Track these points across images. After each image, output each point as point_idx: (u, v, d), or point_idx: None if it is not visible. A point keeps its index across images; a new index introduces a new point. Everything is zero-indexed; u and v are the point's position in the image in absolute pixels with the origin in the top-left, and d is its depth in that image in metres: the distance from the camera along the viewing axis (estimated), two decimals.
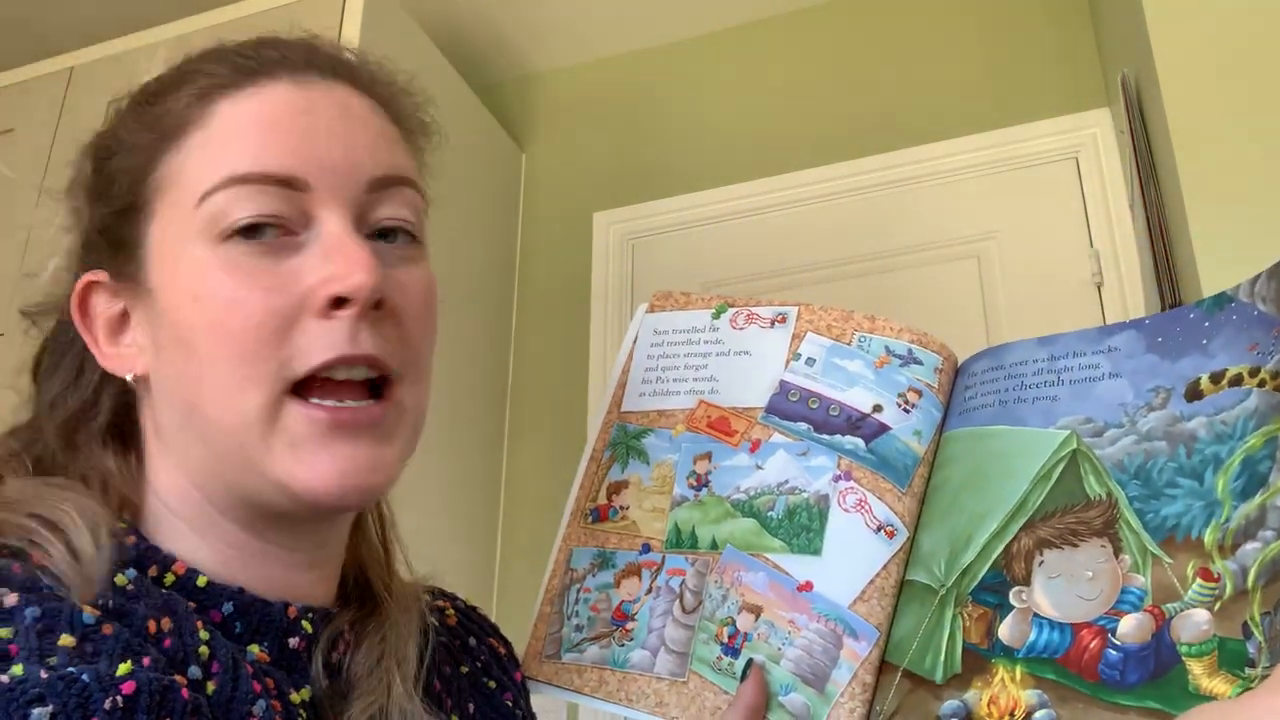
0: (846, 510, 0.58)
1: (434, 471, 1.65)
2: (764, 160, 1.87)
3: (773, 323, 0.65)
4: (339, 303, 0.44)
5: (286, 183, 0.44)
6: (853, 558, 0.57)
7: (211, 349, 0.43)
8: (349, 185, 0.46)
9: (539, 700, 0.58)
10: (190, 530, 0.46)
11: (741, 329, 0.66)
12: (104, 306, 0.48)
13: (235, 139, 0.45)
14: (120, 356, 0.48)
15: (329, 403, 0.44)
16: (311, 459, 0.43)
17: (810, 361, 0.63)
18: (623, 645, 0.61)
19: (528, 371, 1.95)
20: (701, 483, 0.63)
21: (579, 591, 0.64)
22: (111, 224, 0.48)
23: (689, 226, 1.90)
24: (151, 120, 0.47)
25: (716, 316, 0.67)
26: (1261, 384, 0.51)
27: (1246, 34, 1.05)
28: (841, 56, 1.89)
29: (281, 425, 0.43)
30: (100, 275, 0.48)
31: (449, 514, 1.73)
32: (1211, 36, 1.07)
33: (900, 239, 1.73)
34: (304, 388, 0.44)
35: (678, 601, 0.60)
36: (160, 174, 0.46)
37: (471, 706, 0.56)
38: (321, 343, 0.44)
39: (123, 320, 0.48)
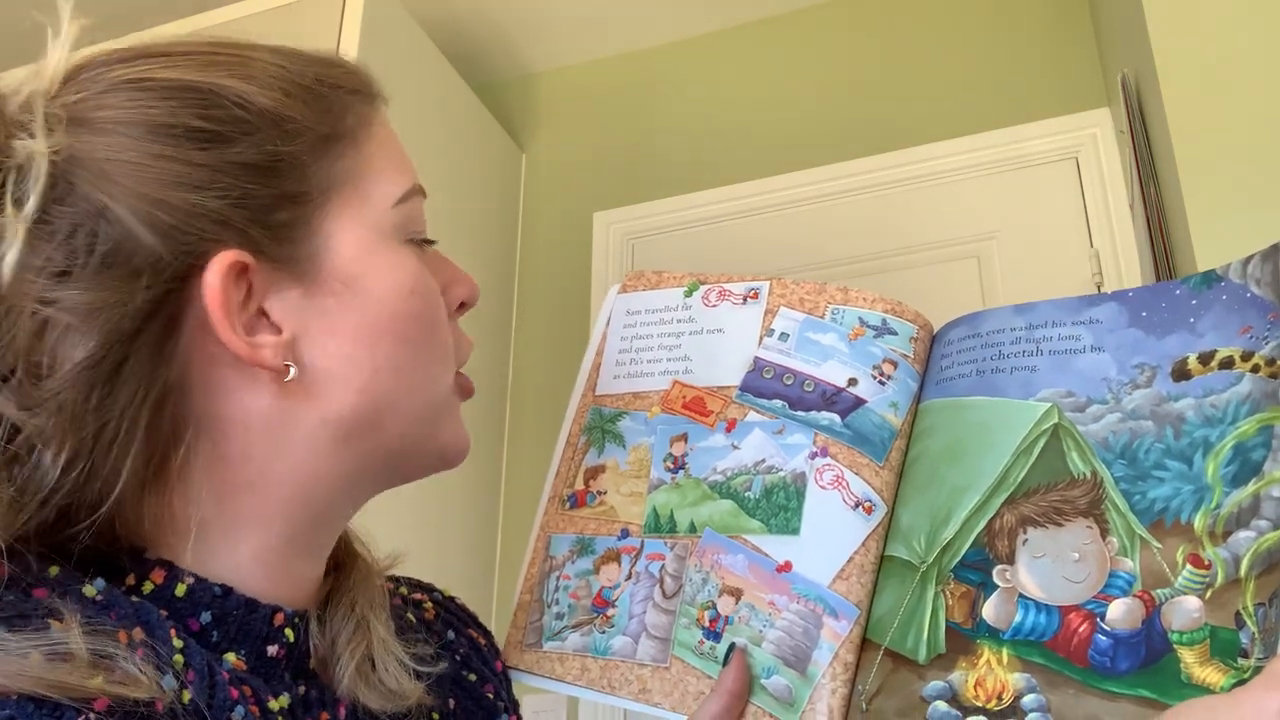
0: (824, 487, 0.57)
1: None
2: (764, 160, 1.87)
3: (745, 299, 0.65)
4: (461, 305, 0.53)
5: (424, 199, 0.52)
6: (831, 536, 0.56)
7: (422, 338, 0.48)
8: None
9: (538, 700, 0.57)
10: (217, 541, 0.45)
11: (714, 306, 0.66)
12: (234, 293, 0.43)
13: (400, 152, 0.51)
14: (254, 348, 0.43)
15: None
16: (461, 423, 0.52)
17: (784, 337, 0.62)
18: (604, 632, 0.60)
19: (528, 371, 1.94)
20: (678, 465, 0.62)
21: (558, 579, 0.63)
22: (270, 204, 0.44)
23: (689, 226, 1.90)
24: (322, 113, 0.47)
25: (689, 294, 0.67)
26: (1255, 369, 0.50)
27: (1246, 34, 1.05)
28: (841, 56, 1.89)
29: (453, 399, 0.51)
30: (245, 255, 0.43)
31: (449, 513, 1.72)
32: (1211, 36, 1.07)
33: (900, 239, 1.73)
34: None
35: (658, 586, 0.60)
36: (337, 169, 0.47)
37: (453, 702, 0.55)
38: (462, 337, 0.53)
39: (243, 309, 0.44)
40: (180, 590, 0.43)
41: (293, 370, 0.44)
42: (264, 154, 0.44)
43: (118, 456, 0.41)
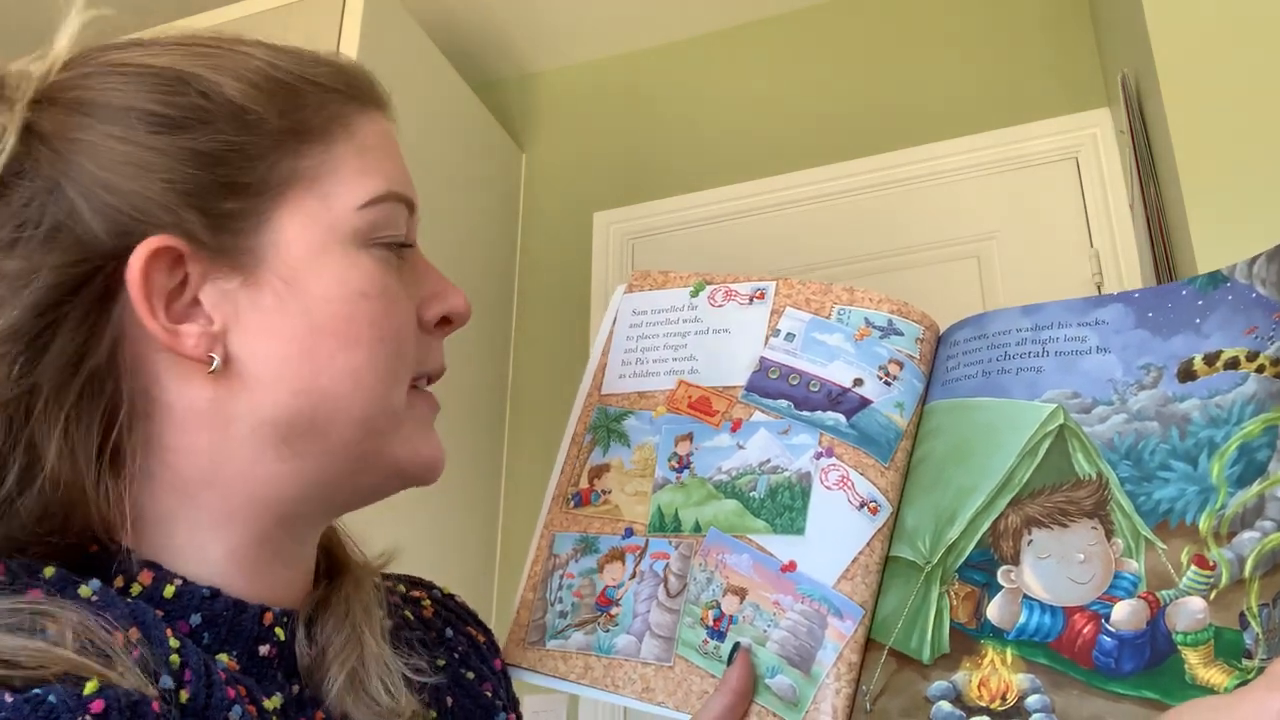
0: (829, 488, 0.57)
1: None
2: (764, 160, 1.87)
3: (751, 299, 0.65)
4: (445, 321, 0.52)
5: (412, 210, 0.50)
6: (836, 536, 0.57)
7: (372, 342, 0.47)
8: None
9: (538, 699, 0.57)
10: (188, 540, 0.45)
11: (720, 306, 0.66)
12: (163, 279, 0.43)
13: (385, 157, 0.49)
14: (180, 336, 0.43)
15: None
16: (430, 439, 0.50)
17: (790, 337, 0.63)
18: (607, 631, 0.60)
19: (528, 371, 1.94)
20: (683, 464, 0.62)
21: (562, 577, 0.63)
22: (215, 193, 0.44)
23: (689, 226, 1.90)
24: (288, 107, 0.46)
25: (695, 294, 0.67)
26: (1260, 369, 0.50)
27: (1246, 34, 1.05)
28: (841, 56, 1.89)
29: (411, 411, 0.49)
30: (177, 242, 0.43)
31: (450, 513, 1.72)
32: (1211, 36, 1.07)
33: (900, 239, 1.73)
34: None
35: (662, 586, 0.60)
36: (298, 165, 0.46)
37: (450, 700, 0.55)
38: (434, 352, 0.51)
39: (177, 296, 0.44)
40: (169, 592, 0.43)
41: (216, 361, 0.44)
42: (217, 143, 0.44)
43: (41, 433, 0.41)
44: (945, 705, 0.51)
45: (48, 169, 0.42)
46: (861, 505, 0.57)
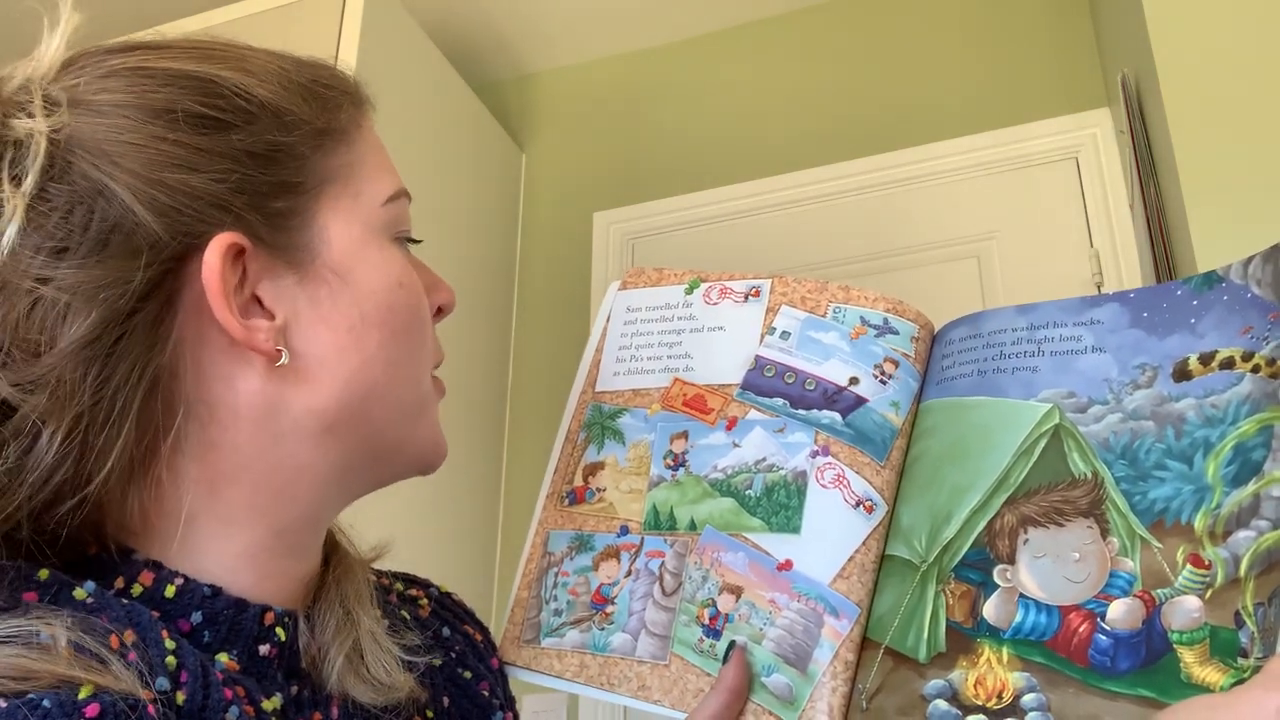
0: (825, 486, 0.57)
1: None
2: (764, 160, 1.87)
3: (746, 296, 0.65)
4: (438, 311, 0.54)
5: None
6: (832, 534, 0.56)
7: (409, 331, 0.49)
8: None
9: (538, 699, 0.57)
10: (205, 539, 0.45)
11: (715, 304, 0.66)
12: (229, 276, 0.43)
13: (387, 157, 0.52)
14: (253, 331, 0.43)
15: None
16: (439, 427, 0.52)
17: (785, 335, 0.63)
18: (603, 629, 0.60)
19: (528, 371, 1.94)
20: (678, 462, 0.62)
21: (557, 575, 0.63)
22: (267, 192, 0.45)
23: (689, 226, 1.90)
24: (318, 109, 0.48)
25: (690, 292, 0.67)
26: (1256, 369, 0.50)
27: (1246, 34, 1.05)
28: (841, 56, 1.89)
29: (433, 397, 0.52)
30: (241, 239, 0.43)
31: (449, 513, 1.72)
32: (1211, 36, 1.07)
33: (900, 239, 1.73)
34: None
35: (657, 584, 0.60)
36: (329, 163, 0.48)
37: (447, 700, 0.55)
38: (435, 340, 0.53)
39: (237, 293, 0.43)
40: (170, 592, 0.43)
41: (285, 355, 0.44)
42: (263, 143, 0.45)
43: (109, 439, 0.41)
44: (941, 704, 0.51)
45: (87, 171, 0.41)
46: (857, 504, 0.57)
